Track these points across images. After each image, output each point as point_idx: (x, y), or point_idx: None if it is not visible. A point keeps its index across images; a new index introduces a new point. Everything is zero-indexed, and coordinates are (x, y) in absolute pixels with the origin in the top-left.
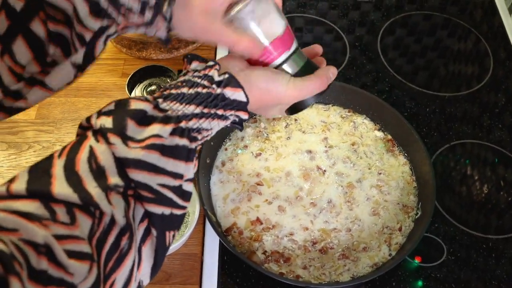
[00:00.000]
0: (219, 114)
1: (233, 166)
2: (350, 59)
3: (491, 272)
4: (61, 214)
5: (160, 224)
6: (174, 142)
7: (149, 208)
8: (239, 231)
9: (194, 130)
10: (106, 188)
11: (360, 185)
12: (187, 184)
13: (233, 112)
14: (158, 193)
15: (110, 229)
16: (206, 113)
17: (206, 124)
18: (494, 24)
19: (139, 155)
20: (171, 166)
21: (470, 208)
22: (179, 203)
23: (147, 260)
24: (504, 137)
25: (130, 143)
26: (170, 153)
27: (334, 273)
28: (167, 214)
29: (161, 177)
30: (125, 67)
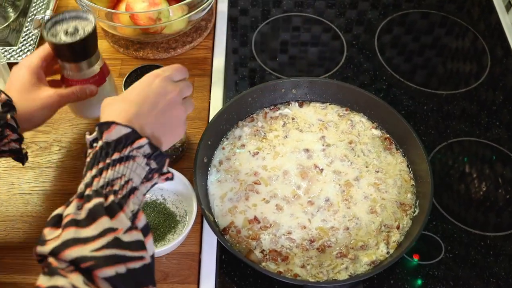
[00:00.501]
0: (118, 158)
1: (230, 165)
2: (347, 57)
3: (489, 269)
4: None
5: (121, 284)
6: (86, 210)
7: (100, 274)
8: (236, 230)
9: (103, 187)
10: (57, 271)
11: (357, 183)
12: (127, 234)
13: (129, 147)
14: (96, 258)
15: None
16: (102, 167)
17: (110, 174)
18: (491, 22)
19: (58, 241)
20: (95, 230)
21: (468, 206)
22: (128, 255)
23: None
24: (502, 134)
25: (48, 242)
26: (87, 221)
27: (332, 271)
28: (123, 272)
29: (90, 244)
30: (122, 67)
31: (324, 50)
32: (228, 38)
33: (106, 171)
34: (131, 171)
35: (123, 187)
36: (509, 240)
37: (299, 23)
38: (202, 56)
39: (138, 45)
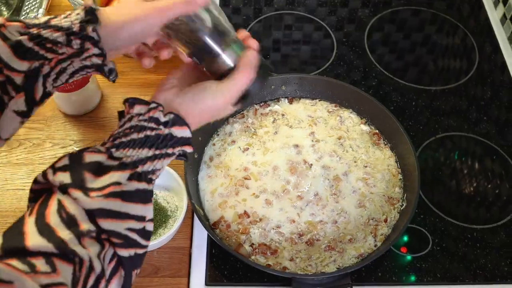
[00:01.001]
0: (169, 153)
1: (221, 161)
2: (337, 55)
3: (476, 261)
4: (41, 265)
5: (128, 265)
6: (133, 187)
7: (120, 252)
8: (226, 225)
9: (150, 173)
10: (79, 235)
11: (346, 178)
12: (149, 224)
13: (180, 147)
14: (126, 238)
15: (90, 273)
16: (158, 154)
17: (159, 164)
18: (480, 19)
19: (102, 204)
20: (133, 210)
21: (456, 200)
22: (142, 244)
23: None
24: (490, 129)
25: (92, 193)
26: (131, 198)
27: (320, 264)
28: (132, 255)
29: (126, 222)
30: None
31: (315, 48)
32: None
33: (158, 160)
34: (165, 165)
35: (156, 178)
36: (496, 233)
37: (291, 22)
38: None
39: None
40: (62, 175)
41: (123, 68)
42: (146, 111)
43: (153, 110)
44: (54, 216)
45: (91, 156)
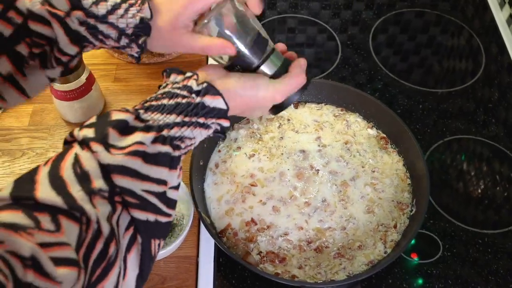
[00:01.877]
0: (201, 123)
1: (226, 167)
2: (342, 58)
3: (488, 267)
4: (45, 222)
5: (145, 231)
6: (156, 150)
7: (134, 214)
8: (233, 233)
9: (177, 139)
10: (90, 192)
11: (354, 183)
12: (171, 191)
13: (214, 120)
14: (142, 199)
15: (98, 236)
16: (187, 121)
17: (188, 132)
18: (485, 19)
19: (121, 161)
20: (154, 173)
21: (466, 204)
22: (163, 210)
23: (132, 269)
24: (498, 132)
25: (113, 150)
26: (153, 160)
27: (329, 272)
28: (152, 220)
29: (144, 183)
30: (118, 72)
31: (319, 51)
32: None
33: (187, 127)
34: (200, 137)
35: (186, 147)
36: (508, 237)
37: (294, 25)
38: (197, 59)
39: None
40: (87, 130)
41: (126, 75)
42: (181, 79)
43: (187, 79)
44: (69, 170)
45: (118, 115)
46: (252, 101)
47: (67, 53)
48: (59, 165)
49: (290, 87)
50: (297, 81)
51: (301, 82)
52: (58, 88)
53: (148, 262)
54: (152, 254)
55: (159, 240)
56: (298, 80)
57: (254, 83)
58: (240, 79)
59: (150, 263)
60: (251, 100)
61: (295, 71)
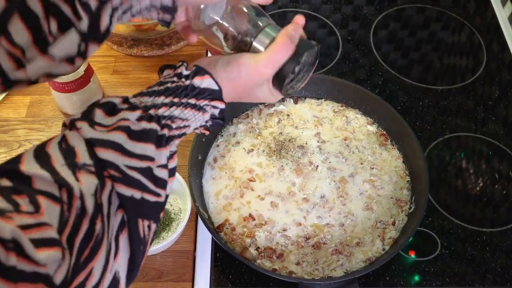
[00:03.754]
0: (192, 103)
1: (225, 162)
2: (343, 53)
3: (485, 265)
4: (24, 204)
5: (130, 208)
6: (141, 127)
7: (118, 189)
8: (231, 228)
9: (166, 118)
10: (74, 166)
11: (352, 180)
12: (159, 169)
13: (208, 101)
14: (125, 174)
15: (83, 214)
16: (176, 102)
17: (177, 112)
18: (487, 17)
19: (105, 135)
20: (139, 149)
21: (464, 202)
22: (150, 188)
23: (123, 251)
24: (498, 129)
25: (97, 127)
26: (138, 137)
27: (327, 268)
28: (137, 198)
29: (127, 159)
30: (116, 64)
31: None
32: None
33: (176, 107)
34: (194, 120)
35: (178, 128)
36: (505, 236)
37: None
38: (197, 52)
39: (131, 42)
40: (77, 115)
41: (125, 67)
42: (172, 71)
43: (178, 68)
44: (54, 146)
45: (106, 98)
46: (237, 81)
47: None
48: (46, 143)
49: (275, 56)
50: (282, 47)
51: (287, 48)
52: (56, 79)
53: (138, 244)
54: (141, 235)
55: (148, 222)
56: (283, 46)
57: (236, 62)
58: (224, 60)
59: (140, 246)
60: (235, 81)
61: (279, 39)
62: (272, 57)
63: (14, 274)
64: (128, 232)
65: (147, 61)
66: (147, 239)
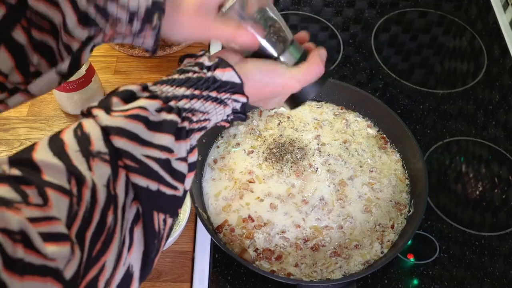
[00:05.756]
0: (213, 97)
1: (225, 163)
2: (344, 56)
3: (484, 269)
4: (33, 196)
5: (145, 199)
6: (161, 118)
7: (133, 179)
8: (230, 229)
9: (186, 110)
10: (88, 154)
11: (352, 182)
12: (178, 162)
13: (229, 95)
14: (142, 163)
15: (93, 205)
16: (197, 94)
17: (198, 104)
18: (488, 21)
19: (121, 123)
20: (157, 139)
21: (464, 206)
22: (167, 180)
23: (138, 244)
24: (498, 134)
25: (114, 112)
26: (156, 128)
27: (325, 270)
28: (153, 189)
29: (145, 148)
30: (118, 64)
31: None
32: None
33: (197, 99)
34: (215, 114)
35: (199, 122)
36: (504, 240)
37: (296, 22)
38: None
39: None
40: (94, 103)
41: (127, 68)
42: (193, 59)
43: (200, 57)
44: (70, 132)
45: (125, 86)
46: (268, 88)
47: (75, 36)
48: (61, 130)
49: (309, 75)
50: (316, 69)
51: (319, 71)
52: None
53: (152, 238)
54: (156, 229)
55: (164, 215)
56: (316, 68)
57: (272, 68)
58: (257, 63)
59: (154, 240)
60: (267, 86)
61: (313, 59)
62: (306, 75)
63: (21, 266)
64: (143, 224)
65: (148, 61)
66: (162, 233)
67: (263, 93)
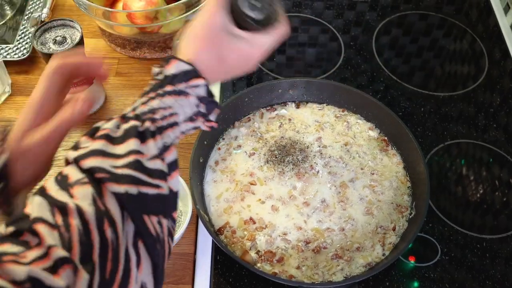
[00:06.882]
0: (169, 91)
1: (226, 165)
2: (345, 59)
3: (485, 272)
4: (31, 239)
5: (129, 204)
6: (121, 130)
7: (110, 188)
8: (232, 231)
9: (145, 113)
10: (67, 186)
11: (353, 185)
12: (151, 161)
13: (184, 83)
14: (112, 173)
15: (87, 227)
16: (153, 96)
17: (157, 103)
18: (489, 24)
19: (86, 148)
20: (123, 148)
21: (465, 208)
22: (145, 180)
23: (145, 259)
24: (499, 136)
25: (80, 148)
26: (120, 140)
27: (327, 273)
28: (134, 193)
29: (113, 160)
30: (119, 66)
31: (321, 51)
32: None
33: (153, 100)
34: (180, 106)
35: (164, 118)
36: (506, 243)
37: (297, 24)
38: None
39: (134, 44)
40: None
41: (128, 70)
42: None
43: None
44: (51, 180)
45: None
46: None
47: None
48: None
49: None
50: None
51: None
52: None
53: (153, 244)
54: (153, 233)
55: (157, 217)
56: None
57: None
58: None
59: (155, 244)
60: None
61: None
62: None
63: None
64: (137, 231)
65: (150, 63)
66: (162, 237)
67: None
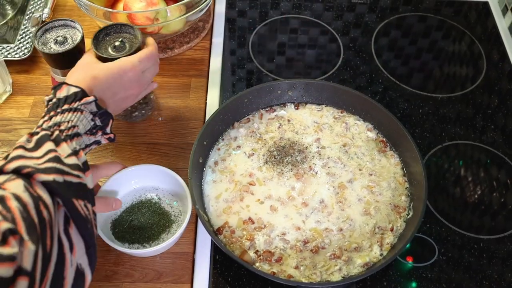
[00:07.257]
0: (67, 108)
1: (225, 166)
2: (344, 60)
3: (482, 272)
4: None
5: (58, 189)
6: (33, 141)
7: (39, 178)
8: (231, 231)
9: (51, 126)
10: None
11: (351, 185)
12: (67, 158)
13: (78, 102)
14: (37, 168)
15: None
16: (53, 114)
17: (59, 118)
18: (487, 26)
19: (7, 160)
20: (41, 151)
21: (462, 209)
22: (67, 171)
23: (78, 242)
24: (497, 138)
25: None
26: (34, 147)
27: (325, 272)
28: (60, 180)
29: (34, 160)
30: None
31: (321, 52)
32: (226, 39)
33: (55, 116)
34: (78, 120)
35: (68, 129)
36: (502, 243)
37: (297, 25)
38: (199, 56)
39: None
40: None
41: None
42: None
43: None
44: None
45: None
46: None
47: None
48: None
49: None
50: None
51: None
52: (59, 80)
53: (84, 224)
54: (83, 214)
55: (83, 201)
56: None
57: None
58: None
59: (86, 224)
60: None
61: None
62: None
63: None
64: (69, 213)
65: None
66: (90, 218)
67: (110, 84)
